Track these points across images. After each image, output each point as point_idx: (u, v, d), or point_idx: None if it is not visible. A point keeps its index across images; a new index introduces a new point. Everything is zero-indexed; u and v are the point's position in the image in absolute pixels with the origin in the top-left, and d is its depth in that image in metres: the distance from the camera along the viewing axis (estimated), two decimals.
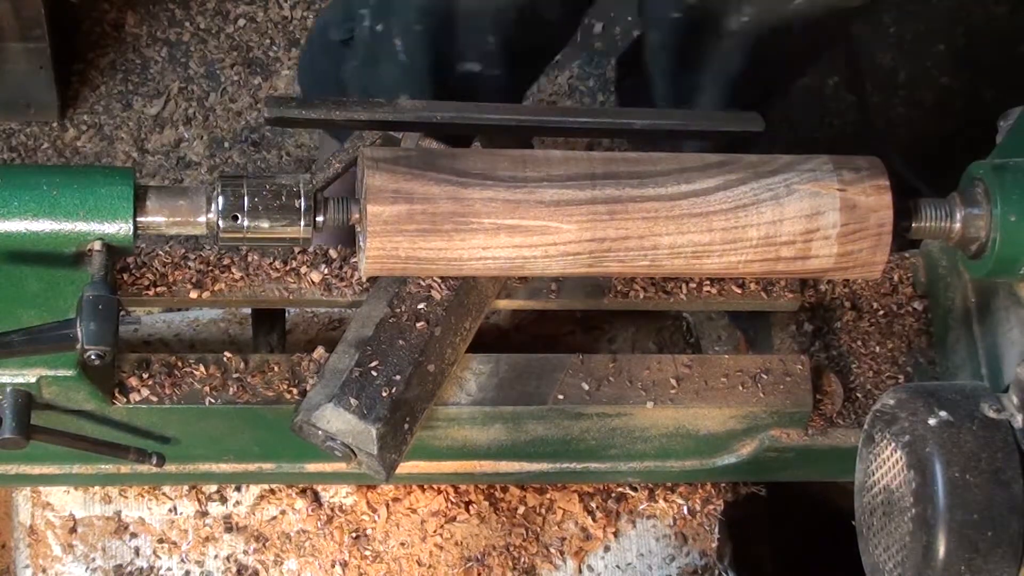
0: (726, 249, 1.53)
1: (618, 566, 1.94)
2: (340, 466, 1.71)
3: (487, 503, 1.92)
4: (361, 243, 1.52)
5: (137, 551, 1.89)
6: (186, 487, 1.89)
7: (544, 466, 1.80)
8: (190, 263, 1.67)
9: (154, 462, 1.58)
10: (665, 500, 1.96)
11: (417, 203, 1.48)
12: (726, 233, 1.52)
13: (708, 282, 1.73)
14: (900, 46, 2.94)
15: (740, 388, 1.70)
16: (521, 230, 1.50)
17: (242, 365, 1.64)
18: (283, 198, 1.49)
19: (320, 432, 1.55)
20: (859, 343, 1.82)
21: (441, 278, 1.61)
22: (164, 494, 1.90)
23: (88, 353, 1.38)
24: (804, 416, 1.72)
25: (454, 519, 1.91)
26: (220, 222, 1.49)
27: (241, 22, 2.89)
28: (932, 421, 1.40)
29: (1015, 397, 1.42)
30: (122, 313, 1.41)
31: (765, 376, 1.71)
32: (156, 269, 1.67)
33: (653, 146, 1.59)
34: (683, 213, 1.51)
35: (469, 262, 1.51)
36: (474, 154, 1.53)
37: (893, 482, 1.43)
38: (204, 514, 1.90)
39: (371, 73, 1.92)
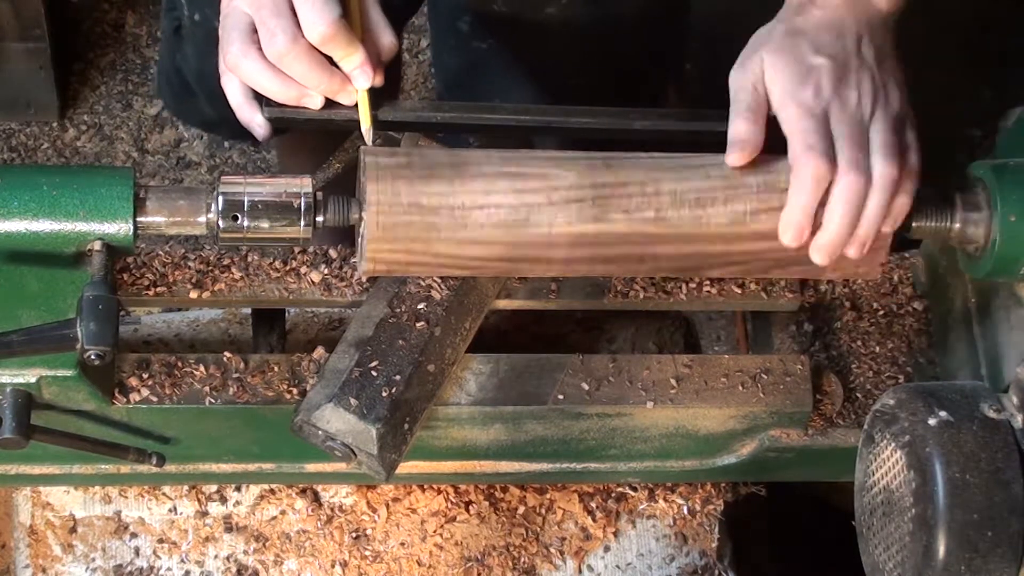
0: (729, 195, 1.52)
1: (618, 566, 1.94)
2: (340, 466, 1.71)
3: (487, 503, 1.92)
4: (361, 231, 1.51)
5: (137, 551, 1.89)
6: (186, 487, 1.89)
7: (544, 466, 1.80)
8: (190, 263, 1.67)
9: (154, 462, 1.58)
10: (665, 500, 1.96)
11: (415, 156, 1.51)
12: (726, 180, 1.53)
13: (708, 282, 1.73)
14: (900, 46, 2.93)
15: (740, 388, 1.70)
16: (521, 176, 1.51)
17: (242, 365, 1.64)
18: (283, 198, 1.49)
19: (320, 432, 1.55)
20: (859, 343, 1.82)
21: (441, 278, 1.61)
22: (164, 494, 1.90)
23: (88, 353, 1.38)
24: (804, 416, 1.72)
25: (454, 519, 1.91)
26: (220, 222, 1.49)
27: None
28: (932, 421, 1.40)
29: (1015, 397, 1.42)
30: (122, 313, 1.41)
31: (765, 376, 1.71)
32: (156, 269, 1.67)
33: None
34: (679, 165, 1.54)
35: (472, 211, 1.50)
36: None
37: (893, 482, 1.44)
38: (204, 514, 1.90)
39: (200, 58, 1.91)
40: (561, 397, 1.67)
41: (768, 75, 1.49)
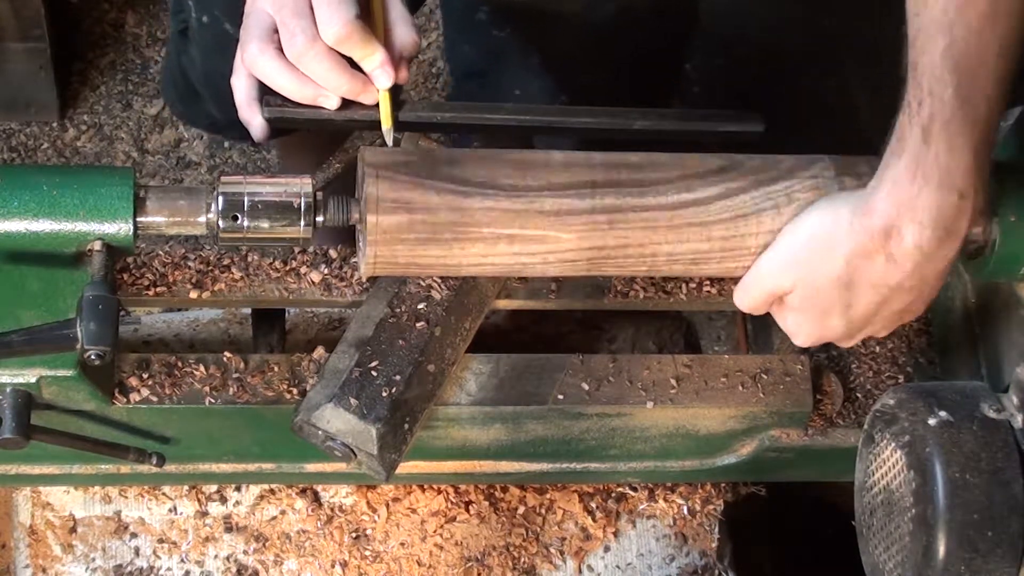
0: (725, 256, 1.53)
1: (618, 566, 1.94)
2: (340, 466, 1.71)
3: (487, 503, 1.92)
4: (361, 244, 1.52)
5: (137, 551, 1.89)
6: (186, 487, 1.89)
7: (544, 466, 1.80)
8: (190, 263, 1.67)
9: (154, 462, 1.58)
10: (665, 500, 1.96)
11: (417, 213, 1.48)
12: (725, 242, 1.52)
13: (708, 282, 1.73)
14: (901, 46, 2.93)
15: (740, 388, 1.70)
16: (520, 239, 1.50)
17: (242, 365, 1.64)
18: (283, 198, 1.49)
19: (320, 432, 1.55)
20: (859, 343, 1.82)
21: (441, 278, 1.61)
22: (164, 494, 1.90)
23: (88, 353, 1.38)
24: (804, 416, 1.72)
25: (454, 519, 1.91)
26: (220, 222, 1.49)
27: None
28: (932, 421, 1.41)
29: (1015, 397, 1.42)
30: (122, 313, 1.41)
31: (765, 376, 1.71)
32: (156, 269, 1.66)
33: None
34: (683, 223, 1.51)
35: (468, 267, 1.52)
36: (475, 160, 1.53)
37: (893, 482, 1.44)
38: (204, 514, 1.90)
39: (207, 60, 1.91)
40: (561, 397, 1.67)
41: (789, 319, 1.55)
